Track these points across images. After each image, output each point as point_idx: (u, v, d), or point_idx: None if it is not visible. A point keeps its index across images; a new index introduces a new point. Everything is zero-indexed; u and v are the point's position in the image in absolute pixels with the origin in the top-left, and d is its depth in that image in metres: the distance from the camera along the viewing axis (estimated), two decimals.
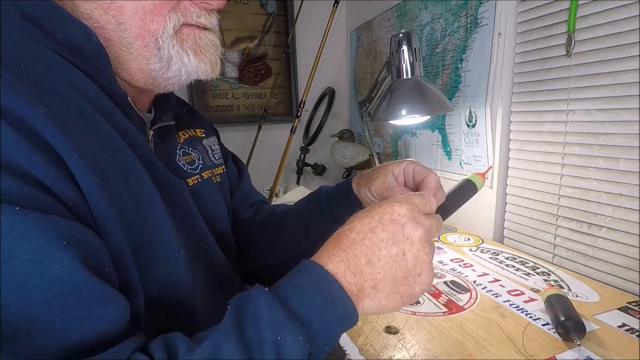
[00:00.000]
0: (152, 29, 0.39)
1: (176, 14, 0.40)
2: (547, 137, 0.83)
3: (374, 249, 0.35)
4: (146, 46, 0.39)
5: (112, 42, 0.39)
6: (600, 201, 0.73)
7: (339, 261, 0.34)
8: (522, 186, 0.91)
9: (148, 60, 0.40)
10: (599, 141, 0.73)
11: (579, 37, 0.74)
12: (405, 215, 0.36)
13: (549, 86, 0.82)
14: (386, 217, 0.36)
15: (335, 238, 0.36)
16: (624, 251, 0.70)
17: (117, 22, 0.38)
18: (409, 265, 0.35)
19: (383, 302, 0.35)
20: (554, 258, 0.84)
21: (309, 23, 1.66)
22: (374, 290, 0.35)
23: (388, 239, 0.35)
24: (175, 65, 0.41)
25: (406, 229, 0.36)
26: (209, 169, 0.55)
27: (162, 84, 0.43)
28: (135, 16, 0.38)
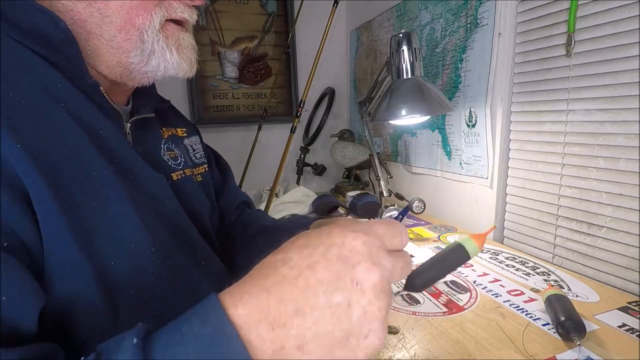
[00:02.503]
0: (138, 23, 0.39)
1: (161, 10, 0.41)
2: (547, 137, 0.83)
3: (308, 293, 0.25)
4: (129, 39, 0.40)
5: (92, 35, 0.39)
6: (600, 201, 0.73)
7: (254, 305, 0.25)
8: (522, 186, 0.91)
9: (128, 53, 0.41)
10: (599, 141, 0.73)
11: (579, 37, 0.74)
12: (359, 252, 0.27)
13: (549, 86, 0.82)
14: (333, 252, 0.26)
15: (260, 270, 0.27)
16: (624, 251, 0.70)
17: (101, 14, 0.38)
18: (353, 323, 0.25)
19: None
20: (554, 258, 0.84)
21: (309, 23, 1.66)
22: (299, 351, 0.24)
23: (330, 283, 0.25)
24: (155, 60, 0.42)
25: (357, 271, 0.26)
26: (190, 167, 0.55)
27: (138, 77, 0.43)
28: (122, 10, 0.38)
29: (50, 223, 0.31)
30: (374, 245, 0.27)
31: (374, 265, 0.26)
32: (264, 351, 0.24)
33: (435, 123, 1.17)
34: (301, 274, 0.25)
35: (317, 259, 0.26)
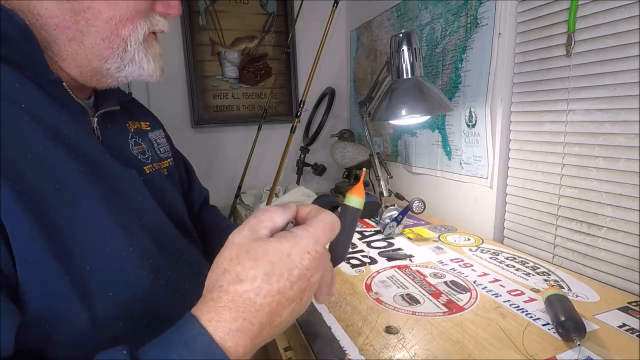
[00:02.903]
0: (123, 34, 0.41)
1: (146, 23, 0.42)
2: (547, 137, 0.83)
3: (279, 309, 0.32)
4: (110, 47, 0.41)
5: (73, 41, 0.39)
6: (600, 201, 0.73)
7: (242, 337, 0.30)
8: (522, 186, 0.91)
9: (107, 61, 0.42)
10: (599, 141, 0.73)
11: (579, 37, 0.74)
12: (312, 268, 0.33)
13: (549, 86, 0.82)
14: (295, 273, 0.32)
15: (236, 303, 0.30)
16: (624, 251, 0.70)
17: (87, 23, 0.39)
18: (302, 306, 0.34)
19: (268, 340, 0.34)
20: (554, 258, 0.84)
21: (309, 23, 1.66)
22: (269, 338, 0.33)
23: (295, 296, 0.32)
24: (132, 67, 0.43)
25: (312, 279, 0.34)
26: (157, 162, 0.55)
27: (108, 81, 0.44)
28: (111, 21, 0.40)
29: (20, 235, 0.31)
30: (321, 257, 0.34)
31: (318, 270, 0.34)
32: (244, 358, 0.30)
33: (435, 123, 1.17)
34: (274, 299, 0.31)
35: (284, 283, 0.32)
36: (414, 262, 0.83)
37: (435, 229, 1.06)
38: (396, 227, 1.00)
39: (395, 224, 1.00)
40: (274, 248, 0.32)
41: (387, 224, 1.00)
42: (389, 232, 1.01)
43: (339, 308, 0.64)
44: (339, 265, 0.50)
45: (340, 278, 0.76)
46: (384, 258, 0.86)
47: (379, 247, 0.93)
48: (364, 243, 0.97)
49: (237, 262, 0.31)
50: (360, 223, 1.15)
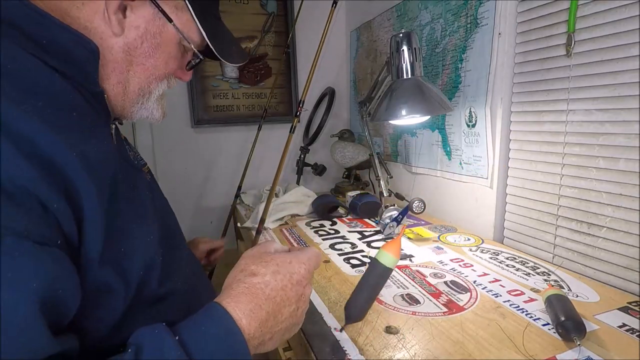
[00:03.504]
0: (151, 88, 0.51)
1: (165, 83, 0.52)
2: (547, 137, 0.83)
3: (281, 306, 0.41)
4: (141, 96, 0.50)
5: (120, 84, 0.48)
6: (600, 201, 0.73)
7: (254, 318, 0.38)
8: (522, 186, 0.91)
9: (133, 104, 0.50)
10: (599, 141, 0.73)
11: (579, 37, 0.74)
12: (306, 277, 0.44)
13: (549, 86, 0.82)
14: (295, 278, 0.43)
15: (251, 291, 0.40)
16: (624, 251, 0.70)
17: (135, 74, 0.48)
18: (298, 318, 0.43)
19: (268, 347, 0.41)
20: (554, 258, 0.84)
21: (309, 23, 1.66)
22: (269, 341, 0.41)
23: (292, 298, 0.42)
24: (144, 113, 0.52)
25: (306, 289, 0.44)
26: (144, 166, 0.59)
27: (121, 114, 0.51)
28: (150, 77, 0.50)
29: (91, 220, 0.36)
30: (310, 271, 0.46)
31: (309, 284, 0.45)
32: (253, 345, 0.38)
33: (435, 123, 1.17)
34: (277, 294, 0.41)
35: (286, 283, 0.42)
36: (414, 262, 0.83)
37: (435, 229, 1.06)
38: (396, 227, 1.00)
39: (395, 224, 1.00)
40: (278, 257, 0.44)
41: (387, 224, 1.00)
42: (389, 232, 1.01)
43: (339, 308, 0.64)
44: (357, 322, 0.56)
45: (341, 278, 0.76)
46: None
47: (379, 247, 0.93)
48: (364, 243, 0.97)
49: (251, 264, 0.43)
50: (360, 223, 1.15)
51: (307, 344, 0.55)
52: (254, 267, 0.42)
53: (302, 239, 1.02)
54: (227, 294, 0.39)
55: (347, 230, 1.08)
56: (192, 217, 1.68)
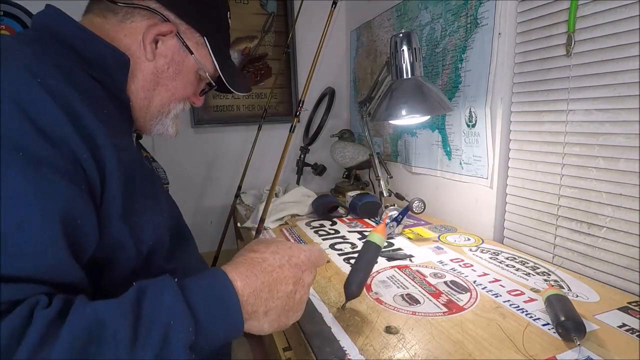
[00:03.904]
0: (170, 107, 0.60)
1: (182, 104, 0.62)
2: (547, 137, 0.83)
3: (277, 282, 0.43)
4: (161, 112, 0.60)
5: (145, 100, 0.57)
6: (600, 201, 0.73)
7: (248, 283, 0.41)
8: (522, 186, 0.91)
9: (152, 119, 0.60)
10: (599, 141, 0.73)
11: (579, 37, 0.74)
12: (305, 263, 0.47)
13: (549, 86, 0.82)
14: (293, 260, 0.46)
15: (248, 261, 0.44)
16: (624, 251, 0.70)
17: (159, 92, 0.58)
18: (295, 303, 0.45)
19: (265, 326, 0.43)
20: (554, 258, 0.84)
21: (309, 23, 1.66)
22: (264, 315, 0.43)
23: (289, 278, 0.44)
24: (160, 128, 0.61)
25: (304, 274, 0.46)
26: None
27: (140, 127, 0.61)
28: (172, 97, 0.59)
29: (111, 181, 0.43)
30: (313, 261, 0.48)
31: (310, 272, 0.47)
32: (247, 310, 0.41)
33: (435, 123, 1.17)
34: (274, 270, 0.44)
35: (284, 263, 0.45)
36: (414, 262, 0.83)
37: (435, 229, 1.06)
38: (396, 227, 1.00)
39: (395, 224, 1.00)
40: (280, 242, 0.49)
41: (387, 224, 1.00)
42: (389, 232, 1.01)
43: (339, 308, 0.64)
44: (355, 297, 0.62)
45: (341, 278, 0.76)
46: (384, 258, 0.86)
47: None
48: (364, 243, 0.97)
49: (254, 245, 0.48)
50: (360, 223, 1.15)
51: (307, 344, 0.55)
52: (255, 247, 0.47)
53: (302, 239, 1.02)
54: (228, 264, 0.44)
55: (347, 230, 1.08)
56: (192, 217, 1.68)
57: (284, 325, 0.45)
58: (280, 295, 0.43)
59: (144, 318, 0.34)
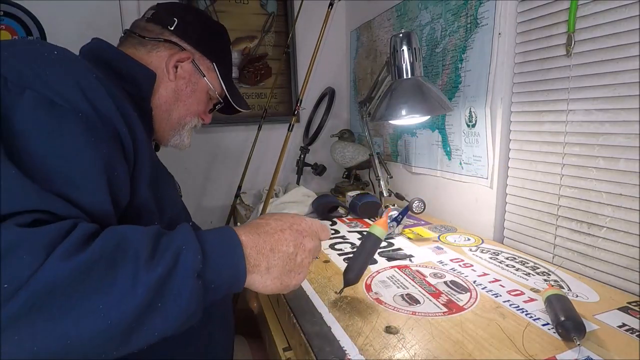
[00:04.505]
0: (186, 120, 0.74)
1: (195, 119, 0.76)
2: (547, 137, 0.83)
3: (278, 243, 0.47)
4: (178, 125, 0.73)
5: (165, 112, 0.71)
6: (600, 201, 0.73)
7: (251, 239, 0.46)
8: (522, 186, 0.91)
9: (169, 132, 0.73)
10: (599, 141, 0.73)
11: (579, 37, 0.74)
12: (307, 230, 0.51)
13: (549, 86, 0.82)
14: (295, 227, 0.50)
15: (252, 225, 0.49)
16: (624, 251, 0.70)
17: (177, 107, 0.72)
18: (296, 264, 0.49)
19: (267, 283, 0.47)
20: (554, 258, 0.84)
21: (309, 23, 1.66)
22: (266, 270, 0.46)
23: (289, 240, 0.48)
24: (178, 138, 0.75)
25: (305, 240, 0.50)
26: None
27: (159, 138, 0.74)
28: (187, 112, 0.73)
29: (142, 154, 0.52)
30: (314, 230, 0.52)
31: (312, 239, 0.51)
32: (249, 262, 0.45)
33: (435, 123, 1.17)
34: (276, 232, 0.48)
35: (285, 228, 0.49)
36: (414, 262, 0.83)
37: (435, 229, 1.06)
38: (396, 227, 1.00)
39: (395, 224, 1.00)
40: (285, 213, 0.55)
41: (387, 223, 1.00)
42: (389, 232, 1.00)
43: (338, 308, 0.64)
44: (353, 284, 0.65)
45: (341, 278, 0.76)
46: (384, 258, 0.86)
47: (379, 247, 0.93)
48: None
49: (261, 216, 0.52)
50: (360, 223, 1.15)
51: (307, 344, 0.55)
52: (260, 217, 0.52)
53: None
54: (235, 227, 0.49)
55: (347, 230, 1.08)
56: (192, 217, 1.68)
57: (286, 286, 0.48)
58: (281, 255, 0.47)
59: (161, 244, 0.40)
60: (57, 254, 0.34)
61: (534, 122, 0.86)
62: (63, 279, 0.33)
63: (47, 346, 0.33)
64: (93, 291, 0.34)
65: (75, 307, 0.34)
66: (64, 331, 0.33)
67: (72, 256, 0.34)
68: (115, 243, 0.37)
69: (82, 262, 0.34)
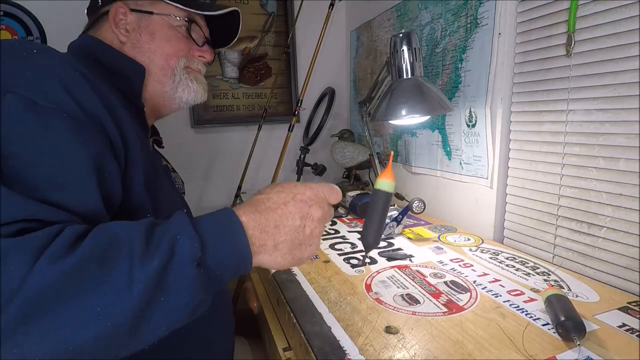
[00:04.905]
0: (171, 65, 0.67)
1: (184, 58, 0.68)
2: (547, 137, 0.83)
3: (282, 218, 0.44)
4: (165, 75, 0.67)
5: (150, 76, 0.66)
6: (600, 201, 0.73)
7: (252, 218, 0.43)
8: (522, 186, 0.91)
9: (164, 85, 0.67)
10: (599, 141, 0.73)
11: (579, 37, 0.74)
12: (312, 199, 0.47)
13: (549, 86, 0.82)
14: (298, 197, 0.46)
15: (252, 202, 0.46)
16: (624, 251, 0.70)
17: (149, 60, 0.65)
18: (305, 236, 0.46)
19: (278, 260, 0.45)
20: (554, 258, 0.84)
21: (309, 23, 1.66)
22: (274, 248, 0.44)
23: (294, 213, 0.45)
24: (181, 87, 0.68)
25: (311, 209, 0.46)
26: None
27: (169, 103, 0.69)
28: (162, 57, 0.66)
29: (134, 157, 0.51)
30: (321, 196, 0.48)
31: (319, 207, 0.47)
32: (254, 243, 0.42)
33: (435, 123, 1.17)
34: (279, 207, 0.45)
35: (288, 200, 0.46)
36: (414, 262, 0.83)
37: (435, 229, 1.06)
38: (396, 227, 1.00)
39: (395, 224, 1.00)
40: (286, 183, 0.49)
41: (387, 224, 1.00)
42: (389, 232, 1.01)
43: (339, 308, 0.64)
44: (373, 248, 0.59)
45: (341, 278, 0.76)
46: (384, 258, 0.86)
47: (379, 247, 0.93)
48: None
49: (262, 189, 0.49)
50: (360, 223, 1.15)
51: (307, 344, 0.55)
52: (262, 190, 0.48)
53: None
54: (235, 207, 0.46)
55: (347, 230, 1.08)
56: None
57: (299, 259, 0.46)
58: (287, 230, 0.44)
59: (155, 235, 0.38)
60: (44, 258, 0.33)
61: (534, 122, 0.86)
62: (53, 283, 0.32)
63: (50, 353, 0.32)
64: (87, 293, 0.33)
65: (71, 311, 0.33)
66: (64, 337, 0.33)
67: (60, 259, 0.33)
68: (106, 241, 0.36)
69: (71, 264, 0.33)
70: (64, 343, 0.33)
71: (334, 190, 0.49)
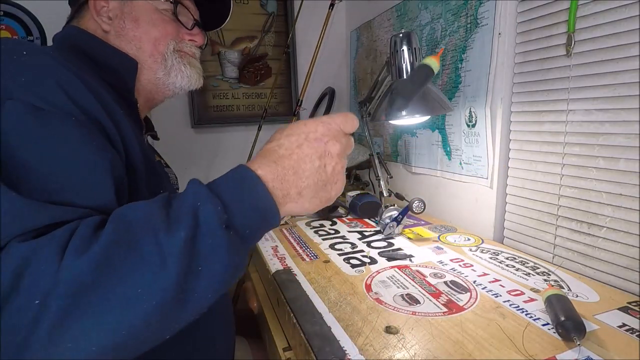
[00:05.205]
0: (160, 50, 0.63)
1: (173, 42, 0.64)
2: (547, 137, 0.83)
3: (300, 162, 0.42)
4: (155, 61, 0.63)
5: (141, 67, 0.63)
6: (600, 201, 0.73)
7: (268, 170, 0.41)
8: (522, 186, 0.91)
9: (156, 72, 0.64)
10: (599, 141, 0.73)
11: (579, 37, 0.74)
12: (326, 134, 0.44)
13: (549, 86, 0.82)
14: (312, 136, 0.43)
15: (264, 152, 0.43)
16: (624, 251, 0.70)
17: (137, 47, 0.62)
18: (328, 175, 0.43)
19: (306, 206, 0.43)
20: (554, 258, 0.84)
21: (309, 23, 1.66)
22: (298, 196, 0.42)
23: (312, 154, 0.42)
24: (174, 72, 0.64)
25: (328, 145, 0.43)
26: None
27: (163, 89, 0.66)
28: (149, 43, 0.62)
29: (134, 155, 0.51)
30: (335, 129, 0.44)
31: (336, 141, 0.44)
32: (277, 195, 0.41)
33: (435, 123, 1.17)
34: (293, 152, 0.42)
35: (301, 142, 0.43)
36: (414, 262, 0.83)
37: (435, 229, 1.06)
38: (396, 227, 1.00)
39: (395, 224, 1.00)
40: (295, 123, 0.45)
41: (387, 224, 1.00)
42: (389, 232, 1.01)
43: (338, 308, 0.64)
44: (405, 109, 0.67)
45: (341, 278, 0.76)
46: (384, 258, 0.86)
47: (379, 247, 0.93)
48: (364, 243, 0.97)
49: (273, 134, 0.45)
50: (360, 223, 1.15)
51: (307, 344, 0.55)
52: (272, 137, 0.45)
53: (302, 239, 1.02)
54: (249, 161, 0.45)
55: (347, 230, 1.08)
56: None
57: (327, 199, 0.45)
58: (307, 174, 0.42)
59: (173, 207, 0.37)
60: (69, 252, 0.33)
61: (534, 122, 0.86)
62: (86, 275, 0.32)
63: (106, 340, 0.33)
64: (124, 277, 0.33)
65: (112, 297, 0.33)
66: (115, 323, 0.33)
67: (85, 249, 0.33)
68: (126, 222, 0.36)
69: (98, 252, 0.33)
70: (117, 328, 0.33)
71: (348, 118, 0.45)
